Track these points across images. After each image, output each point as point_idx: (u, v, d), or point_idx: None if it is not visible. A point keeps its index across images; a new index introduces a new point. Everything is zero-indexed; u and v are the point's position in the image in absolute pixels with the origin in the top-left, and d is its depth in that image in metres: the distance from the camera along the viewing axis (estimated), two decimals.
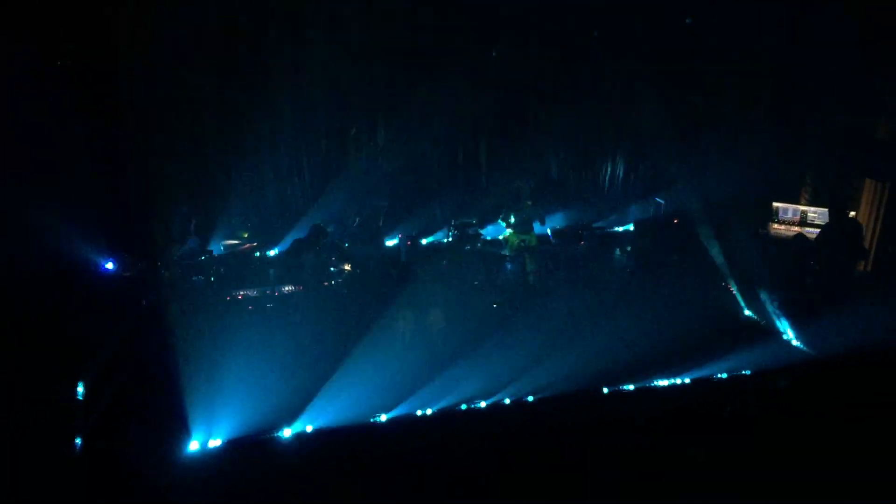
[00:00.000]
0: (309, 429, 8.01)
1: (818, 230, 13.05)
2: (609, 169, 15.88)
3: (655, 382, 9.28)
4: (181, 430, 7.75)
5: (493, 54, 14.46)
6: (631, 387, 9.17)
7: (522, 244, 12.92)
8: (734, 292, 12.16)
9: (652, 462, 7.57)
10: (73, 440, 7.49)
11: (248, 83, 13.04)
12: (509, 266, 12.87)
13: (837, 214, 12.84)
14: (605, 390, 9.07)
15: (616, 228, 15.08)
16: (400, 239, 13.40)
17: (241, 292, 11.26)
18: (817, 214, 13.28)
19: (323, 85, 13.75)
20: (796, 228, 13.35)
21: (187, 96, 12.76)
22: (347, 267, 12.16)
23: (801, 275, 12.16)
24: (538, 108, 15.24)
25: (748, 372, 9.61)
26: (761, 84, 13.87)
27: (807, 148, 13.53)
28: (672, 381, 9.34)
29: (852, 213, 13.01)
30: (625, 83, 14.40)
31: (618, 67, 14.22)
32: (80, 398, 8.06)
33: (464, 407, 8.61)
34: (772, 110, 13.78)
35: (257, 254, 12.70)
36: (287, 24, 12.98)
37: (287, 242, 12.44)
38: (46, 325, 9.03)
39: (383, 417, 8.29)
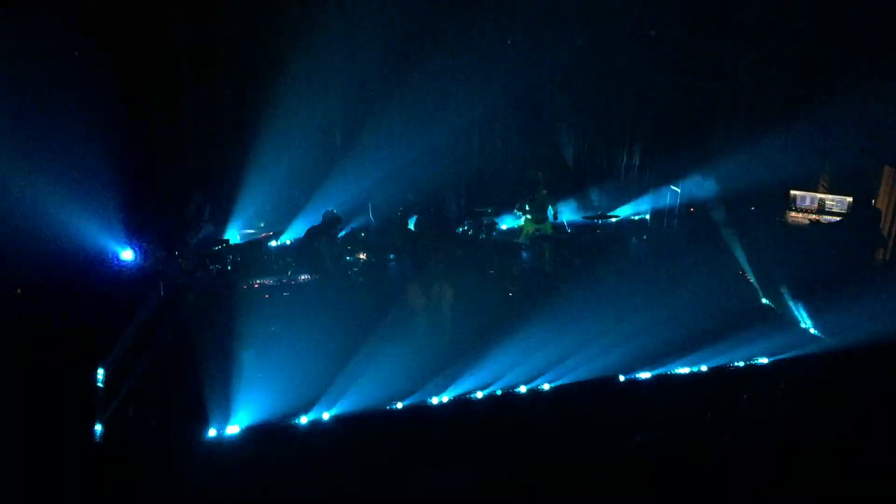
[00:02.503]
0: (325, 416, 8.06)
1: (836, 218, 12.94)
2: (625, 157, 15.81)
3: (672, 371, 9.27)
4: (199, 418, 7.82)
5: (509, 42, 14.41)
6: (647, 375, 9.15)
7: (538, 233, 12.91)
8: (751, 281, 12.11)
9: (668, 451, 7.56)
10: (94, 426, 7.58)
11: (265, 71, 13.07)
12: (525, 255, 12.85)
13: (856, 202, 12.73)
14: (622, 378, 9.06)
15: (632, 217, 15.02)
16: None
17: (258, 281, 11.31)
18: (835, 202, 13.16)
19: (339, 74, 13.77)
20: (814, 216, 13.25)
21: (205, 85, 12.81)
22: (363, 256, 12.20)
23: (818, 263, 12.06)
24: (553, 96, 15.20)
25: (766, 360, 9.58)
26: (779, 70, 13.72)
27: (825, 135, 13.39)
28: (689, 369, 9.32)
29: (871, 201, 12.90)
30: (642, 70, 14.31)
31: (635, 54, 14.14)
32: (100, 385, 8.16)
33: (479, 395, 8.63)
34: (789, 97, 13.64)
35: (274, 243, 12.75)
36: (303, 9, 12.96)
37: (303, 231, 12.48)
38: (67, 315, 9.15)
39: (399, 405, 8.33)
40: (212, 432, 7.69)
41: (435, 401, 8.47)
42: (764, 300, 11.66)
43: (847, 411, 8.04)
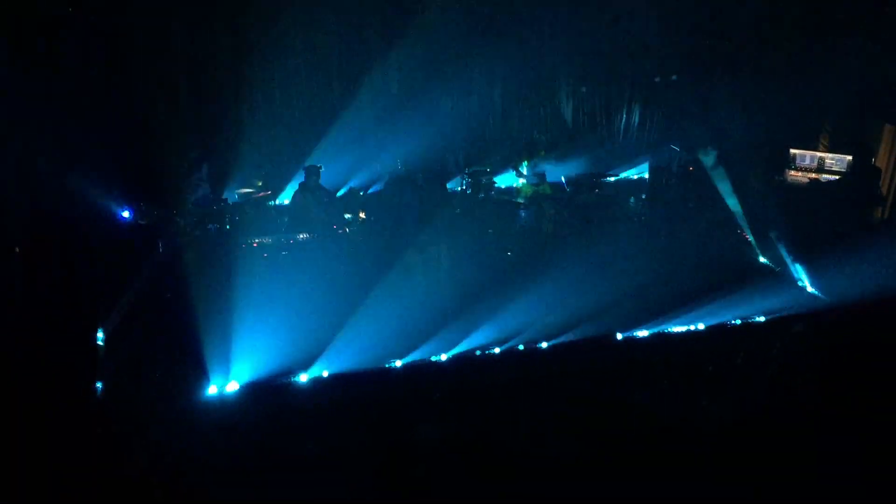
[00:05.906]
0: (325, 374, 8.11)
1: (835, 177, 12.90)
2: (624, 116, 15.69)
3: (669, 329, 9.30)
4: (199, 375, 7.87)
5: None
6: (645, 333, 9.19)
7: (536, 192, 12.88)
8: (749, 239, 12.11)
9: (664, 409, 7.62)
10: (94, 385, 7.61)
11: (263, 28, 12.90)
12: (523, 214, 12.83)
13: (855, 160, 12.69)
14: (619, 336, 9.11)
15: (631, 176, 14.96)
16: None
17: (256, 239, 11.31)
18: (835, 161, 13.10)
19: (335, 30, 13.61)
20: (813, 175, 13.21)
21: (203, 42, 12.66)
22: (362, 215, 12.18)
23: (817, 222, 12.06)
24: (552, 53, 15.02)
25: (762, 318, 9.62)
26: (778, 26, 13.57)
27: (825, 93, 13.29)
28: (686, 327, 9.36)
29: (871, 160, 12.86)
30: (639, 25, 14.13)
31: (635, 11, 13.96)
32: (101, 344, 8.18)
33: (477, 353, 8.67)
34: (789, 54, 13.51)
35: (271, 202, 12.71)
36: None
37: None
38: (66, 274, 9.13)
39: (398, 363, 8.37)
40: (212, 389, 7.75)
41: (434, 359, 8.51)
42: (762, 259, 11.67)
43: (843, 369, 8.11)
